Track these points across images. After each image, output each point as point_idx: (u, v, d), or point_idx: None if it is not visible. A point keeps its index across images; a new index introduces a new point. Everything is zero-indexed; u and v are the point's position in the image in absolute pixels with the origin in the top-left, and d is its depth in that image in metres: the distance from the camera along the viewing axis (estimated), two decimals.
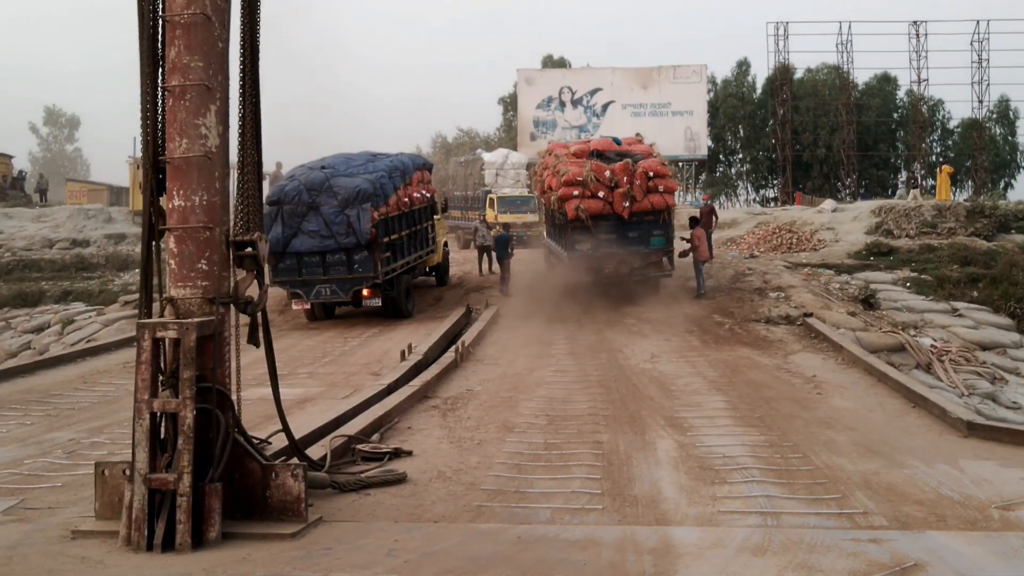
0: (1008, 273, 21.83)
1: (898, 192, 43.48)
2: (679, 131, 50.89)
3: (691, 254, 20.47)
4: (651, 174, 19.43)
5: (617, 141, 22.07)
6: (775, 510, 7.26)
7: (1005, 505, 7.22)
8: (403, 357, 14.05)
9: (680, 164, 55.80)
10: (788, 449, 9.16)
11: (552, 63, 60.23)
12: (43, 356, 17.84)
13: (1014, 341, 18.95)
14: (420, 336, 16.25)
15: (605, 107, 51.75)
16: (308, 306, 18.50)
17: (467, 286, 23.34)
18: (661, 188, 19.50)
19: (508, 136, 58.40)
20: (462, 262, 27.72)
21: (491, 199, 36.21)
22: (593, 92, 51.91)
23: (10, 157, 49.38)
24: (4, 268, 28.98)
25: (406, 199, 19.52)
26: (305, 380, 13.62)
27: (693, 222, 21.24)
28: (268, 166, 36.75)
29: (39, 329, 23.53)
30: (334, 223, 17.27)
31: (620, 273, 19.75)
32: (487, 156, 44.24)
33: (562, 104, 51.78)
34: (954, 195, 47.23)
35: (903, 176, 46.44)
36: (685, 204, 48.91)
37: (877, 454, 8.94)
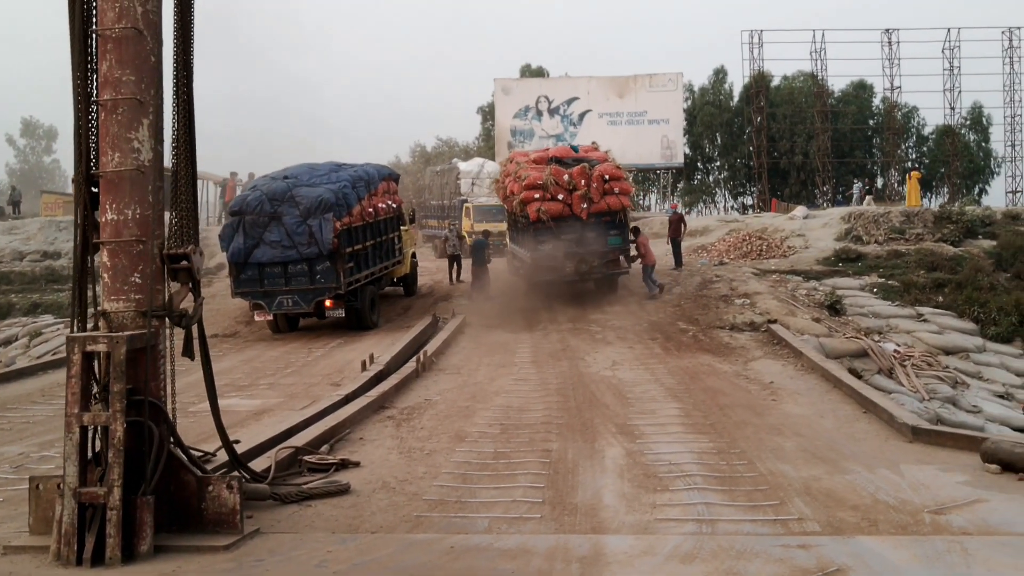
0: (973, 278, 22.05)
1: (853, 200, 44.09)
2: (656, 139, 50.97)
3: (639, 260, 21.47)
4: (607, 177, 20.58)
5: (575, 149, 23.36)
6: (712, 517, 7.30)
7: (938, 509, 7.29)
8: (364, 367, 14.05)
9: (658, 172, 56.05)
10: (735, 456, 9.23)
11: (530, 72, 60.29)
12: (7, 369, 17.76)
13: (977, 346, 19.14)
14: (385, 346, 16.24)
15: (582, 116, 51.76)
16: (271, 317, 18.38)
17: (436, 295, 23.36)
18: (616, 190, 20.64)
19: (487, 145, 58.39)
20: (435, 271, 27.74)
21: (467, 208, 36.23)
22: (570, 101, 51.93)
23: None
24: None
25: (370, 209, 19.44)
26: (265, 391, 13.61)
27: (635, 232, 21.90)
28: (242, 176, 36.75)
29: (7, 342, 23.47)
30: (296, 233, 17.19)
31: (580, 271, 20.64)
32: (463, 165, 44.21)
33: (539, 113, 51.78)
34: (927, 201, 47.65)
35: (857, 185, 47.13)
36: (661, 212, 49.12)
37: (822, 460, 9.01)
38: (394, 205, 21.48)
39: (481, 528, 7.13)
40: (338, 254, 17.43)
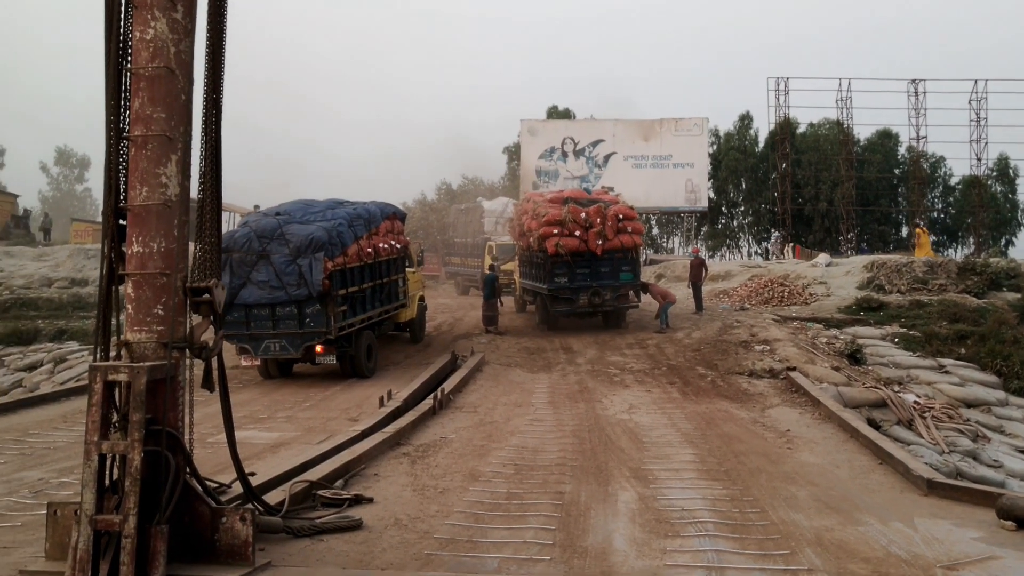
0: (996, 331, 21.87)
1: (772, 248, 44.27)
2: (680, 183, 51.25)
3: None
4: (620, 216, 22.17)
5: (587, 191, 25.06)
6: (721, 564, 7.28)
7: (950, 564, 7.23)
8: (381, 403, 14.12)
9: (681, 215, 56.19)
10: (747, 503, 9.19)
11: (557, 114, 60.86)
12: (30, 394, 17.96)
13: (999, 399, 18.94)
14: (403, 383, 16.32)
15: (607, 158, 52.14)
16: (258, 362, 17.50)
17: (456, 333, 23.44)
18: (629, 229, 22.23)
19: (513, 185, 58.85)
20: (455, 308, 27.87)
21: (490, 247, 36.50)
22: (595, 143, 52.34)
23: (15, 196, 49.99)
24: (1, 306, 29.24)
25: (369, 249, 18.34)
26: (283, 424, 13.70)
27: (644, 288, 23.48)
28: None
29: (32, 367, 23.73)
30: (285, 273, 16.23)
31: (593, 303, 22.13)
32: (487, 204, 44.55)
33: (564, 155, 52.21)
34: (951, 252, 47.41)
35: (776, 234, 47.49)
36: (684, 255, 49.09)
37: (835, 510, 8.95)
38: (398, 246, 20.37)
39: (491, 568, 7.15)
40: (329, 296, 16.39)
